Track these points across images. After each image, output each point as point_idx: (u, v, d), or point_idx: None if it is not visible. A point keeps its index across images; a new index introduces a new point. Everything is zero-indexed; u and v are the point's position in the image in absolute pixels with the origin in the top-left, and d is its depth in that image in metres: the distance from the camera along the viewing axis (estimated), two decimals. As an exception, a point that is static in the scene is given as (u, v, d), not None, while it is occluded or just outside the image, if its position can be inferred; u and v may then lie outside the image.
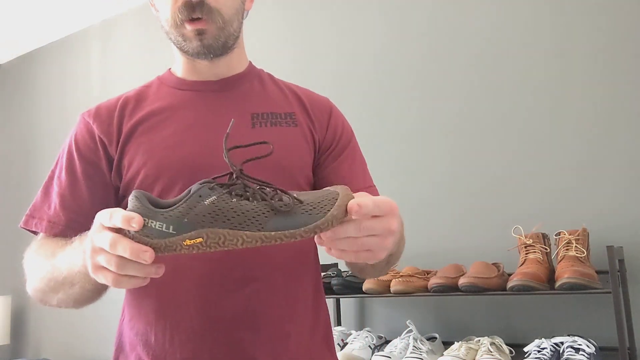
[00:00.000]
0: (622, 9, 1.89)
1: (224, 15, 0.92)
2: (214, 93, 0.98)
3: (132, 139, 0.92)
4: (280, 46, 2.64)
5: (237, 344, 0.86)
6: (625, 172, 1.83)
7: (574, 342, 1.64)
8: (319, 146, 1.00)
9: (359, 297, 2.22)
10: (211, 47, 0.93)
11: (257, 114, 0.96)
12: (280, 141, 0.91)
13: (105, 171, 0.93)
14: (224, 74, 1.00)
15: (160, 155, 0.90)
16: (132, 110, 0.95)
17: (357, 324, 2.28)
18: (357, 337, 2.02)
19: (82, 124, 0.96)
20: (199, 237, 0.62)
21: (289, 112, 0.98)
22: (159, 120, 0.93)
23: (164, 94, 0.98)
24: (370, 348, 1.97)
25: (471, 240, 2.06)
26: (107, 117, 0.95)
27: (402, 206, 2.35)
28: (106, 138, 0.93)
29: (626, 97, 1.86)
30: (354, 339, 2.01)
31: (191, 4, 0.89)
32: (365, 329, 2.06)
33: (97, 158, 0.93)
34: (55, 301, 0.87)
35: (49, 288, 0.85)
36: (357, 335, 2.03)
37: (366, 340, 1.98)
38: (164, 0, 0.92)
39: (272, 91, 1.02)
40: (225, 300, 0.86)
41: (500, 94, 2.09)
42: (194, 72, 1.00)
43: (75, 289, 0.80)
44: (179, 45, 0.96)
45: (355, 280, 2.01)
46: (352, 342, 1.98)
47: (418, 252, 2.13)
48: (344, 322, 2.28)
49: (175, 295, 0.87)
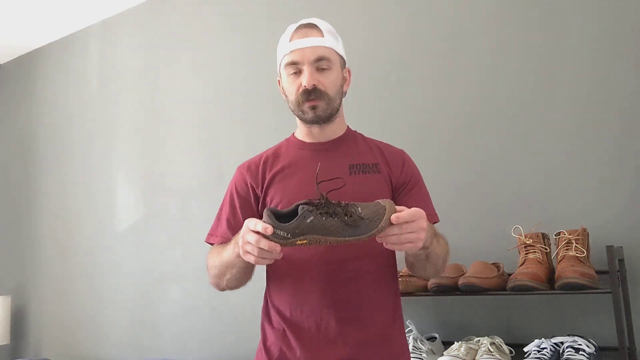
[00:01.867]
0: (613, 5, 1.89)
1: (330, 95, 1.33)
2: (324, 151, 1.39)
3: (272, 184, 1.37)
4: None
5: (340, 320, 1.29)
6: (625, 172, 1.83)
7: (574, 342, 1.64)
8: (395, 186, 1.39)
9: (359, 297, 2.21)
10: (321, 117, 1.34)
11: (353, 165, 1.37)
12: (369, 184, 1.34)
13: (254, 205, 1.39)
14: (330, 136, 1.41)
15: (291, 195, 1.32)
16: (271, 165, 1.40)
17: (357, 324, 2.28)
18: (357, 337, 2.01)
19: (239, 174, 1.43)
20: (305, 240, 1.06)
21: (374, 163, 1.38)
22: (289, 172, 1.38)
23: (291, 153, 1.42)
24: (370, 348, 1.97)
25: (471, 240, 2.05)
26: (255, 170, 1.41)
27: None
28: (254, 184, 1.39)
29: (626, 96, 1.86)
30: (354, 339, 2.01)
31: (308, 90, 1.31)
32: (365, 329, 2.06)
33: (249, 196, 1.39)
34: (225, 282, 1.32)
35: (221, 273, 1.31)
36: (357, 335, 2.03)
37: (366, 340, 1.98)
38: (291, 89, 1.35)
39: (362, 147, 1.42)
40: (335, 291, 1.30)
41: (500, 93, 2.09)
42: (310, 136, 1.42)
43: (235, 270, 1.26)
44: (300, 117, 1.38)
45: (355, 280, 2.01)
46: (352, 342, 1.98)
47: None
48: (344, 322, 2.28)
49: (304, 286, 1.32)
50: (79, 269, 3.32)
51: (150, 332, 2.93)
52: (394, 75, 2.35)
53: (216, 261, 1.32)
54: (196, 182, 2.91)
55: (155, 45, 3.21)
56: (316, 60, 1.32)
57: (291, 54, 1.33)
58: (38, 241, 3.59)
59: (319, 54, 1.32)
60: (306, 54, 1.32)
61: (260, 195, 1.38)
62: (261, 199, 1.38)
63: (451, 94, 2.20)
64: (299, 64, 1.32)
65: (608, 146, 1.87)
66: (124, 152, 3.22)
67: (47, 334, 3.45)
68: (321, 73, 1.33)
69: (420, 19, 2.32)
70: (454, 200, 2.13)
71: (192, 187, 2.92)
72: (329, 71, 1.34)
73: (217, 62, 2.94)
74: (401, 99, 2.32)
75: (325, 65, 1.33)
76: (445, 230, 2.11)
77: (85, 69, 3.52)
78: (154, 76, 3.19)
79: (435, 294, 1.83)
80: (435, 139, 2.21)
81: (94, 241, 3.28)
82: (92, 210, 3.31)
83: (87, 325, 3.24)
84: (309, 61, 1.31)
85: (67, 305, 3.36)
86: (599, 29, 1.93)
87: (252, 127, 2.76)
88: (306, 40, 1.33)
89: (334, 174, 1.27)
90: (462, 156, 2.14)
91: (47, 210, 3.58)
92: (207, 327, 2.74)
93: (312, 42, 1.32)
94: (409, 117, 2.28)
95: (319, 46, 1.33)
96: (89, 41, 3.53)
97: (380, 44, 2.40)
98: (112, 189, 3.24)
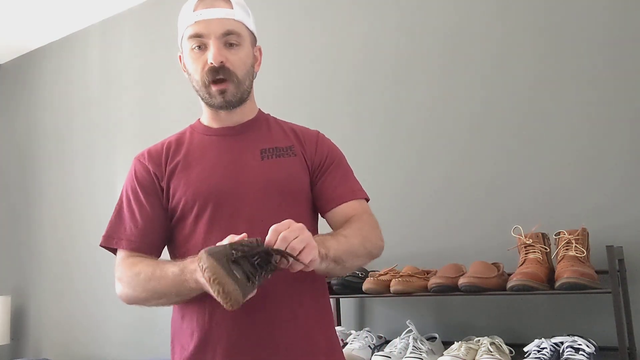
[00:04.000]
0: (618, 8, 1.89)
1: (238, 76, 1.20)
2: (232, 137, 1.26)
3: (174, 175, 1.23)
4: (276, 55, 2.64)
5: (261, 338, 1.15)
6: (625, 171, 1.83)
7: (574, 342, 1.64)
8: (311, 168, 1.27)
9: (359, 297, 2.22)
10: (230, 102, 1.22)
11: (265, 149, 1.25)
12: (284, 169, 1.22)
13: (160, 196, 1.23)
14: (239, 120, 1.28)
15: (195, 186, 1.20)
16: (173, 153, 1.26)
17: (357, 324, 2.28)
18: (357, 337, 2.01)
19: (138, 163, 1.26)
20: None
21: (288, 146, 1.27)
22: (192, 160, 1.23)
23: (196, 140, 1.28)
24: (370, 348, 1.97)
25: (471, 240, 2.05)
26: (157, 158, 1.25)
27: (403, 206, 2.34)
28: (157, 173, 1.24)
29: (626, 96, 1.86)
30: (354, 339, 2.01)
31: (215, 68, 1.17)
32: (365, 329, 2.06)
33: (154, 186, 1.23)
34: (154, 304, 1.16)
35: (153, 297, 1.14)
36: (357, 335, 2.03)
37: (366, 340, 1.98)
38: (194, 66, 1.21)
39: (275, 131, 1.30)
40: (250, 317, 1.13)
41: (500, 93, 2.09)
42: (217, 120, 1.28)
43: (177, 298, 1.13)
44: (207, 101, 1.24)
45: (355, 280, 2.01)
46: (351, 342, 1.98)
47: (418, 252, 2.13)
48: (344, 322, 2.28)
49: (214, 316, 1.16)
50: (79, 269, 3.32)
51: (150, 332, 2.93)
52: (395, 76, 2.34)
53: (149, 285, 1.13)
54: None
55: (155, 45, 3.21)
56: (224, 35, 1.18)
57: (195, 25, 1.19)
58: (38, 241, 3.59)
59: (227, 28, 1.18)
60: (212, 26, 1.17)
61: (164, 187, 1.23)
62: (164, 191, 1.23)
63: (452, 94, 2.20)
64: (204, 37, 1.18)
65: (608, 146, 1.87)
66: (124, 151, 3.22)
67: (47, 334, 3.45)
68: (229, 50, 1.19)
69: (422, 20, 2.31)
70: (454, 200, 2.13)
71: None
72: (239, 47, 1.20)
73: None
74: (402, 100, 2.32)
75: (234, 40, 1.19)
76: (446, 230, 2.13)
77: (85, 69, 3.52)
78: (154, 76, 3.19)
79: (435, 294, 1.83)
80: (436, 140, 2.21)
81: (94, 241, 3.26)
82: (93, 210, 3.31)
83: (87, 325, 3.24)
84: (216, 35, 1.17)
85: (67, 305, 3.36)
86: (604, 32, 1.93)
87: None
88: (213, 10, 1.19)
89: (244, 159, 1.20)
90: (462, 156, 2.14)
91: (47, 210, 3.58)
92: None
93: (219, 13, 1.19)
94: (410, 118, 2.28)
95: (227, 19, 1.19)
96: (88, 41, 3.53)
97: (381, 45, 2.40)
98: (112, 188, 3.24)
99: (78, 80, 3.55)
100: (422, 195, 2.21)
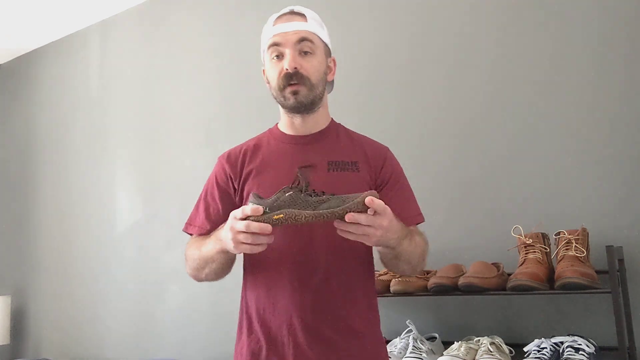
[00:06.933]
0: (616, 10, 1.89)
1: (312, 81, 1.30)
2: (304, 145, 1.37)
3: (249, 179, 1.35)
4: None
5: (310, 325, 1.27)
6: (625, 171, 1.83)
7: (574, 341, 1.64)
8: (374, 185, 1.35)
9: (359, 297, 2.21)
10: (302, 103, 1.31)
11: (332, 162, 1.34)
12: (346, 184, 1.29)
13: (232, 196, 1.37)
14: (312, 129, 1.38)
15: (266, 192, 1.25)
16: (250, 158, 1.38)
17: (357, 324, 2.28)
18: (357, 337, 2.01)
19: (219, 164, 1.41)
20: (281, 214, 1.07)
21: (354, 161, 1.35)
22: (267, 167, 1.36)
23: (272, 146, 1.39)
24: (370, 348, 1.97)
25: (471, 240, 2.05)
26: (234, 160, 1.39)
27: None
28: (233, 175, 1.38)
29: (626, 96, 1.86)
30: (354, 339, 2.00)
31: (289, 74, 1.28)
32: (365, 329, 2.06)
33: (228, 187, 1.38)
34: (204, 275, 1.35)
35: (200, 267, 1.33)
36: (357, 335, 2.02)
37: (366, 340, 1.98)
38: (272, 74, 1.32)
39: (344, 143, 1.39)
40: (305, 296, 1.27)
41: (502, 94, 2.09)
42: (292, 128, 1.38)
43: (215, 265, 1.29)
44: (282, 103, 1.34)
45: (355, 280, 2.01)
46: (352, 342, 1.98)
47: (418, 252, 2.13)
48: (344, 322, 2.28)
49: (275, 289, 1.30)
50: (79, 269, 3.32)
51: (150, 332, 2.93)
52: (399, 77, 2.34)
53: (195, 254, 1.34)
54: (195, 183, 2.90)
55: (154, 45, 3.21)
56: (299, 41, 1.30)
57: (273, 37, 1.32)
58: (38, 242, 3.59)
59: (302, 35, 1.30)
60: (288, 36, 1.30)
61: (238, 188, 1.37)
62: (238, 192, 1.37)
63: (454, 95, 2.20)
64: (281, 46, 1.30)
65: (608, 146, 1.87)
66: (124, 152, 3.21)
67: (47, 334, 3.45)
68: (304, 57, 1.30)
69: (428, 23, 2.32)
70: (455, 201, 2.13)
71: (191, 188, 2.92)
72: (312, 55, 1.31)
73: (217, 62, 2.94)
74: (403, 100, 2.32)
75: (308, 47, 1.31)
76: (446, 230, 2.12)
77: (85, 69, 3.52)
78: (153, 76, 3.19)
79: (435, 294, 1.83)
80: (437, 140, 2.21)
81: (94, 241, 3.28)
82: (92, 210, 3.31)
83: (86, 325, 3.24)
84: (292, 43, 1.30)
85: (67, 305, 3.36)
86: (605, 33, 1.93)
87: (252, 127, 2.74)
88: (289, 24, 1.32)
89: (312, 170, 1.29)
90: (462, 157, 2.14)
91: (47, 210, 3.58)
92: (207, 327, 2.74)
93: (295, 25, 1.31)
94: (411, 118, 2.28)
95: (302, 30, 1.31)
96: (88, 41, 3.53)
97: (389, 47, 2.40)
98: (111, 189, 3.24)
99: (77, 81, 3.55)
100: (422, 196, 2.19)
